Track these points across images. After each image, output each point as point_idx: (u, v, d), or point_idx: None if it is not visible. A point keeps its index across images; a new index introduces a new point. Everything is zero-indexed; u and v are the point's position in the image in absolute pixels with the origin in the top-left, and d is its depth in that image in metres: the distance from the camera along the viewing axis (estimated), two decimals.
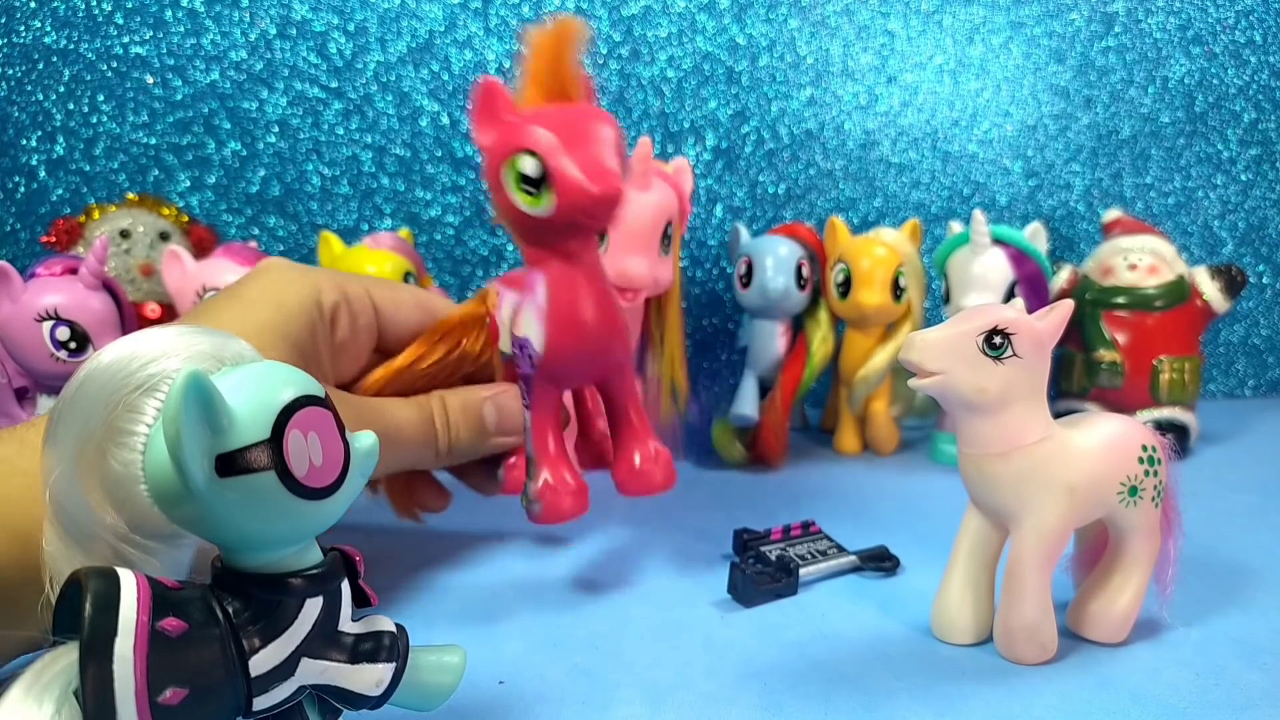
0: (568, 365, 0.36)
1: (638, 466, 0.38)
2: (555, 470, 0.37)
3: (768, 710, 0.30)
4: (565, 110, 0.34)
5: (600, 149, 0.32)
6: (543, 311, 0.35)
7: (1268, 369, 0.88)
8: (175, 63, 0.70)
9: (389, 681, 0.22)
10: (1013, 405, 0.31)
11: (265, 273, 0.37)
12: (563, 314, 0.35)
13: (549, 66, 0.34)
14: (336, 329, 0.37)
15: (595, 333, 0.36)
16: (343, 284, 0.38)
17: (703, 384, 0.69)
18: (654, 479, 0.39)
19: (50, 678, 0.17)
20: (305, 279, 0.37)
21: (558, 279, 0.35)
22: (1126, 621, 0.34)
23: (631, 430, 0.39)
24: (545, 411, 0.37)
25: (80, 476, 0.19)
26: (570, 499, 0.37)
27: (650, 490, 0.38)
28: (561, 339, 0.35)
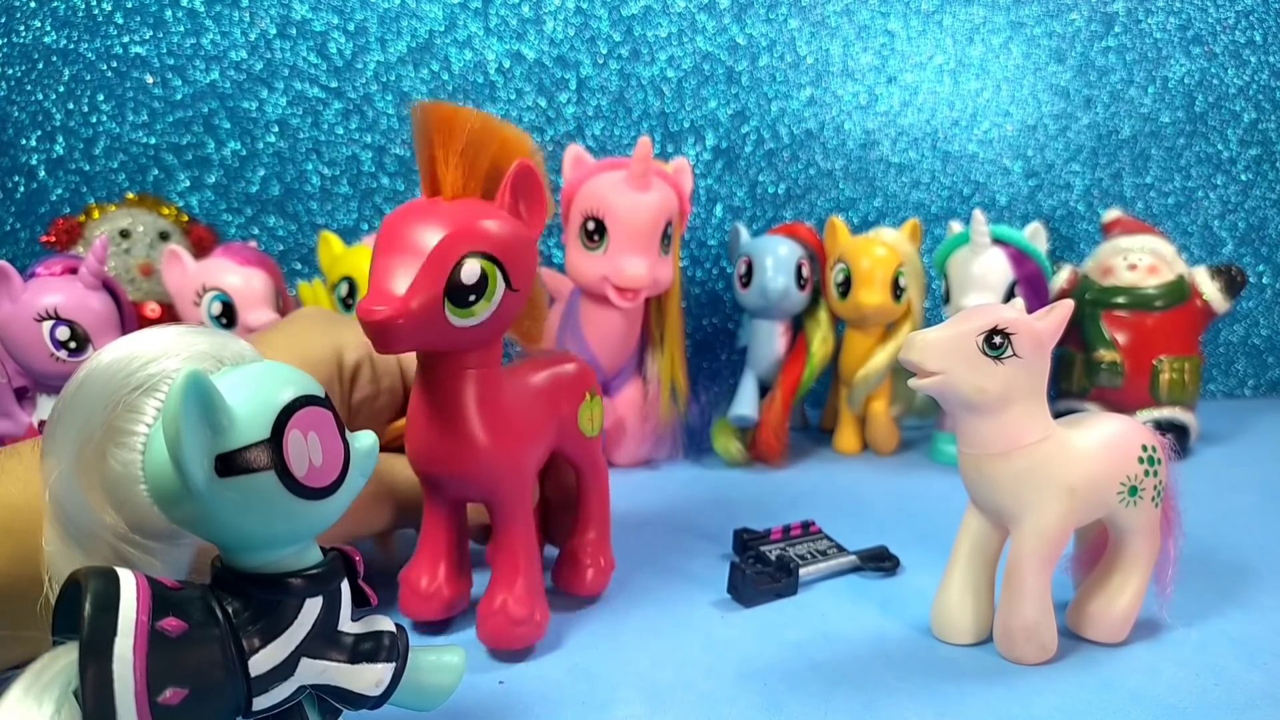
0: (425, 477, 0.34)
1: (492, 610, 0.33)
2: (418, 570, 0.35)
3: (768, 710, 0.30)
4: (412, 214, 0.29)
5: (396, 269, 0.28)
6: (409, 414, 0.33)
7: (1268, 369, 0.88)
8: (175, 63, 0.70)
9: (389, 681, 0.22)
10: (1013, 405, 0.31)
11: (294, 320, 0.38)
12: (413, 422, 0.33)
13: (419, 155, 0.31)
14: (356, 387, 0.38)
15: (443, 453, 0.32)
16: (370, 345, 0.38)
17: (703, 384, 0.69)
18: (501, 631, 0.33)
19: (50, 678, 0.17)
20: (329, 334, 0.37)
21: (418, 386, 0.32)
22: (1126, 621, 0.34)
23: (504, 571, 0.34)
24: (431, 510, 0.35)
25: (80, 476, 0.19)
26: (418, 602, 0.35)
27: (494, 643, 0.33)
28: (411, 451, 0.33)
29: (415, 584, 0.35)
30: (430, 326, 0.28)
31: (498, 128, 0.30)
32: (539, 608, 0.34)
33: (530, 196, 0.31)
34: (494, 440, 0.32)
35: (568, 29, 0.74)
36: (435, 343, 0.30)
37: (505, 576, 0.34)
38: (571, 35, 0.74)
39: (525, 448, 0.34)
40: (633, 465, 0.61)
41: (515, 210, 0.31)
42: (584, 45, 0.74)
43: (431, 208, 0.29)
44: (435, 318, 0.28)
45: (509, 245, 0.30)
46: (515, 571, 0.34)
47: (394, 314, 0.27)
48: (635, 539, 0.46)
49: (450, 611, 0.36)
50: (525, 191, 0.31)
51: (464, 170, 0.30)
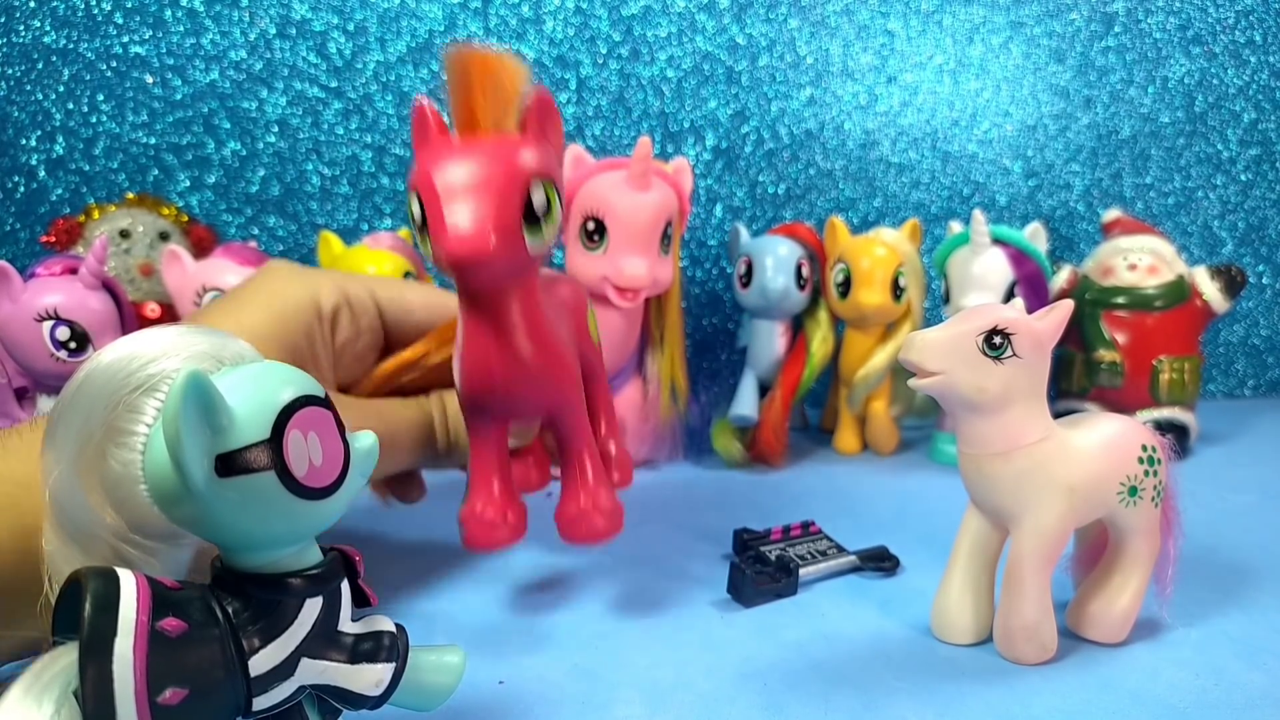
0: (482, 403, 0.34)
1: (576, 512, 0.36)
2: (486, 499, 0.35)
3: (768, 710, 0.30)
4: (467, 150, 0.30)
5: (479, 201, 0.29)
6: (457, 350, 0.34)
7: (1267, 369, 0.88)
8: (175, 62, 0.70)
9: (389, 681, 0.22)
10: (1013, 405, 0.31)
11: (263, 276, 0.37)
12: (472, 356, 0.33)
13: (454, 99, 0.31)
14: (337, 331, 0.37)
15: (507, 379, 0.33)
16: (344, 284, 0.38)
17: (703, 384, 0.69)
18: (594, 526, 0.36)
19: (50, 678, 0.17)
20: (303, 281, 0.37)
21: (468, 321, 0.33)
22: (1126, 621, 0.34)
23: (577, 474, 0.36)
24: (480, 440, 0.36)
25: (80, 476, 0.19)
26: (496, 531, 0.35)
27: (589, 539, 0.36)
28: (471, 379, 0.34)
29: (484, 515, 0.35)
30: (513, 255, 0.30)
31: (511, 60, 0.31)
32: (617, 500, 0.37)
33: (552, 124, 0.32)
34: (552, 354, 0.34)
35: (567, 29, 0.74)
36: (515, 269, 0.31)
37: (580, 477, 0.36)
38: (571, 35, 0.74)
39: (573, 357, 0.36)
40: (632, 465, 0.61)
41: (544, 137, 0.32)
42: (584, 45, 0.74)
43: (485, 143, 0.30)
44: (518, 246, 0.30)
45: (555, 168, 0.31)
46: (587, 470, 0.36)
47: (489, 249, 0.28)
48: (635, 539, 0.46)
49: (519, 536, 0.36)
50: (548, 119, 0.32)
51: (499, 106, 0.31)
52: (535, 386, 0.34)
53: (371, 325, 0.39)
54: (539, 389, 0.34)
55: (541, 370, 0.34)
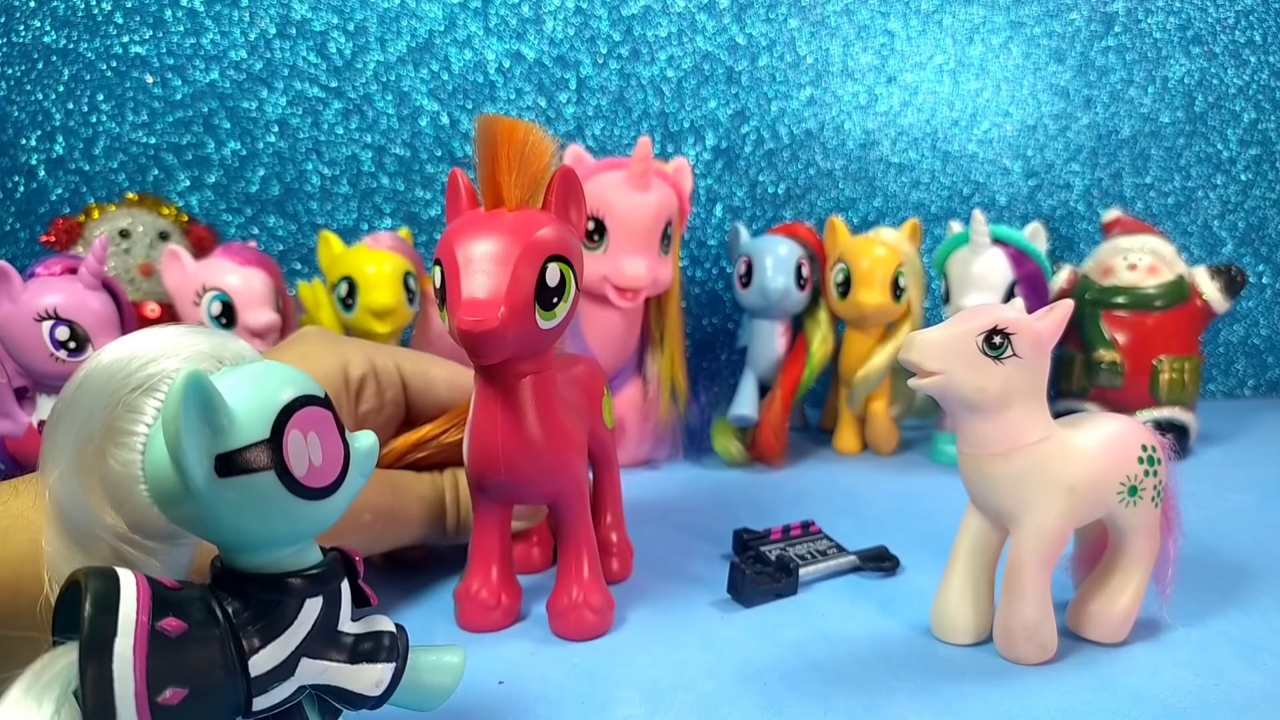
0: (486, 482, 0.34)
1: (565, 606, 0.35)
2: (482, 581, 0.36)
3: (768, 710, 0.30)
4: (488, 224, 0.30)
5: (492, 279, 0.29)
6: (470, 425, 0.34)
7: (1267, 369, 0.88)
8: (175, 62, 0.70)
9: (389, 681, 0.22)
10: (1013, 405, 0.31)
11: (296, 341, 0.38)
12: (480, 433, 0.33)
13: (481, 169, 0.31)
14: (362, 401, 0.38)
15: (513, 458, 0.33)
16: (372, 355, 0.39)
17: (703, 384, 0.69)
18: (585, 621, 0.35)
19: (50, 678, 0.17)
20: (332, 350, 0.38)
21: (480, 396, 0.33)
22: (1126, 621, 0.34)
23: (573, 568, 0.36)
24: (484, 520, 0.36)
25: (80, 476, 0.19)
26: (490, 614, 0.36)
27: (577, 635, 0.35)
28: (478, 457, 0.34)
29: (477, 596, 0.36)
30: (524, 331, 0.30)
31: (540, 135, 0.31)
32: (608, 596, 0.36)
33: (576, 201, 0.33)
34: (560, 440, 0.34)
35: (567, 29, 0.74)
36: (525, 347, 0.31)
37: (576, 570, 0.36)
38: (571, 35, 0.74)
39: (581, 444, 0.36)
40: (633, 465, 0.61)
41: (565, 215, 0.32)
42: (584, 45, 0.74)
43: (506, 218, 0.31)
44: (529, 322, 0.30)
45: (574, 248, 0.32)
46: (583, 564, 0.36)
47: (497, 323, 0.29)
48: (635, 539, 0.46)
49: (513, 618, 0.37)
50: (572, 197, 0.32)
51: (525, 181, 0.31)
52: (540, 470, 0.34)
53: (395, 398, 0.39)
54: (543, 473, 0.34)
55: (547, 455, 0.34)
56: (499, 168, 0.31)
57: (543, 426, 0.33)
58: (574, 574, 0.36)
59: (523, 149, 0.31)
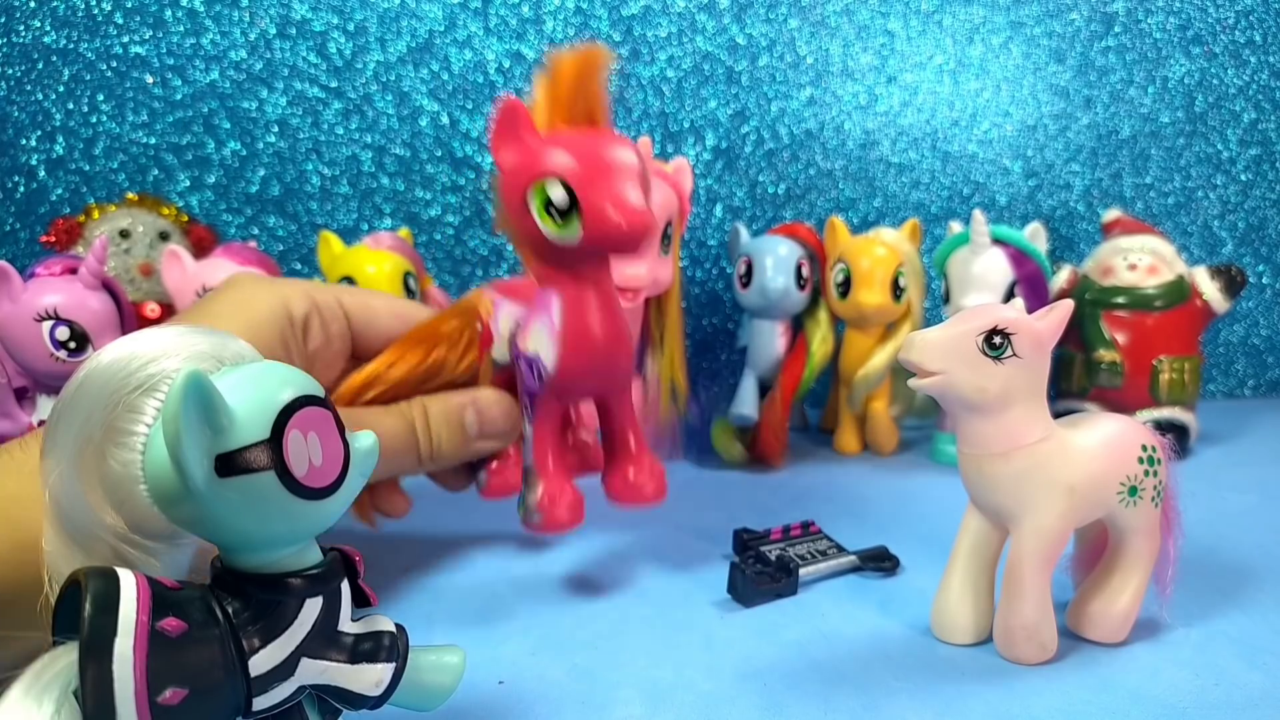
0: (576, 383, 0.37)
1: (631, 479, 0.39)
2: (554, 483, 0.37)
3: (768, 710, 0.30)
4: (593, 138, 0.34)
5: (628, 181, 0.33)
6: (556, 331, 0.36)
7: (1267, 369, 0.88)
8: (175, 62, 0.70)
9: (389, 681, 0.22)
10: (1013, 405, 0.31)
11: (231, 287, 0.37)
12: (576, 335, 0.36)
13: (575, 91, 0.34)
14: (309, 338, 0.37)
15: (605, 353, 0.36)
16: (312, 292, 0.38)
17: (703, 384, 0.69)
18: (645, 490, 0.39)
19: (50, 678, 0.17)
20: (272, 291, 0.37)
21: (573, 300, 0.36)
22: (1126, 621, 0.34)
23: (627, 445, 0.40)
24: (548, 426, 0.38)
25: (80, 476, 0.19)
26: (567, 511, 0.37)
27: (640, 501, 0.39)
28: (574, 359, 0.36)
29: (559, 496, 0.37)
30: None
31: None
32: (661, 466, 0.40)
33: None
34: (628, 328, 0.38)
35: (568, 29, 0.74)
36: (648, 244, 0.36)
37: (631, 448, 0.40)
38: (571, 35, 0.74)
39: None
40: None
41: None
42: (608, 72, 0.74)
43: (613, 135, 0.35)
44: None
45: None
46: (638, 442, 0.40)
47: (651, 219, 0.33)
48: (635, 539, 0.46)
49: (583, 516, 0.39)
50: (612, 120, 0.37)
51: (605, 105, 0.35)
52: (625, 361, 0.37)
53: (341, 332, 0.39)
54: (623, 361, 0.38)
55: (627, 342, 0.37)
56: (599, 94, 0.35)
57: (621, 314, 0.37)
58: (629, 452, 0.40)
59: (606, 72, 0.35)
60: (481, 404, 0.41)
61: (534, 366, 0.37)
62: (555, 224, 0.33)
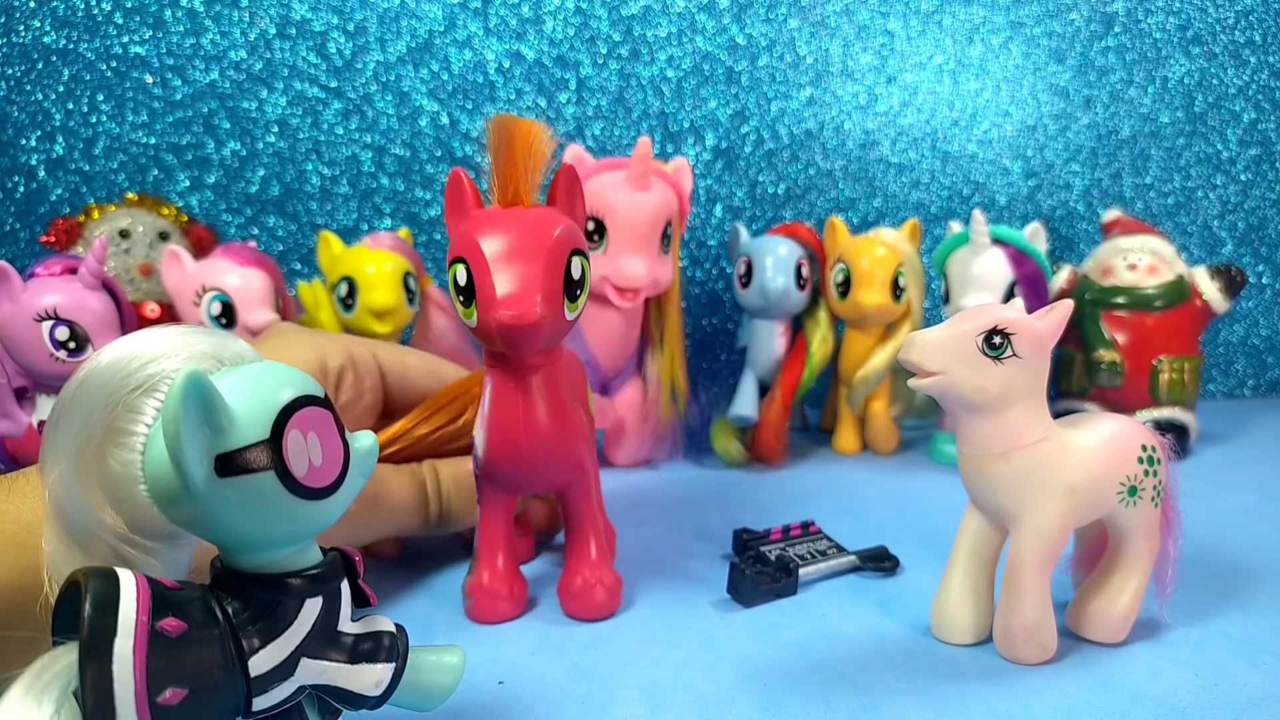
0: (506, 473, 0.35)
1: (578, 588, 0.37)
2: (492, 572, 0.37)
3: (768, 710, 0.30)
4: (512, 221, 0.31)
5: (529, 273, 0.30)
6: (484, 419, 0.35)
7: (1267, 369, 0.88)
8: (175, 63, 0.70)
9: (389, 682, 0.22)
10: (1013, 405, 0.31)
11: (273, 337, 0.39)
12: (499, 425, 0.34)
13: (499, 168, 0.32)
14: (341, 391, 0.38)
15: (536, 447, 0.34)
16: (349, 347, 0.39)
17: (703, 384, 0.69)
18: (597, 601, 0.37)
19: (50, 678, 0.17)
20: (309, 344, 0.38)
21: (498, 390, 0.34)
22: (1126, 621, 0.34)
23: (581, 548, 0.37)
24: (492, 511, 0.37)
25: (80, 476, 0.19)
26: (500, 604, 0.36)
27: (589, 615, 0.37)
28: (498, 449, 0.35)
29: (490, 587, 0.36)
30: (555, 323, 0.31)
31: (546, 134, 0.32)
32: (617, 575, 0.38)
33: (579, 199, 0.34)
34: (572, 428, 0.35)
35: (567, 29, 0.74)
36: (553, 338, 0.32)
37: (585, 552, 0.37)
38: (571, 35, 0.74)
39: (587, 431, 0.37)
40: (633, 465, 0.61)
41: (571, 212, 0.33)
42: (584, 45, 0.74)
43: (528, 214, 0.32)
44: (560, 314, 0.31)
45: (585, 243, 0.33)
46: (590, 546, 0.37)
47: (537, 315, 0.30)
48: (635, 539, 0.46)
49: (522, 608, 0.38)
50: (575, 194, 0.34)
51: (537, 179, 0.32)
52: (555, 458, 0.35)
53: (374, 386, 0.40)
54: (558, 461, 0.35)
55: (562, 443, 0.35)
56: (517, 167, 0.32)
57: (557, 416, 0.34)
58: (584, 556, 0.37)
59: (538, 148, 0.32)
60: None
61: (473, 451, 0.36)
62: (462, 307, 0.32)
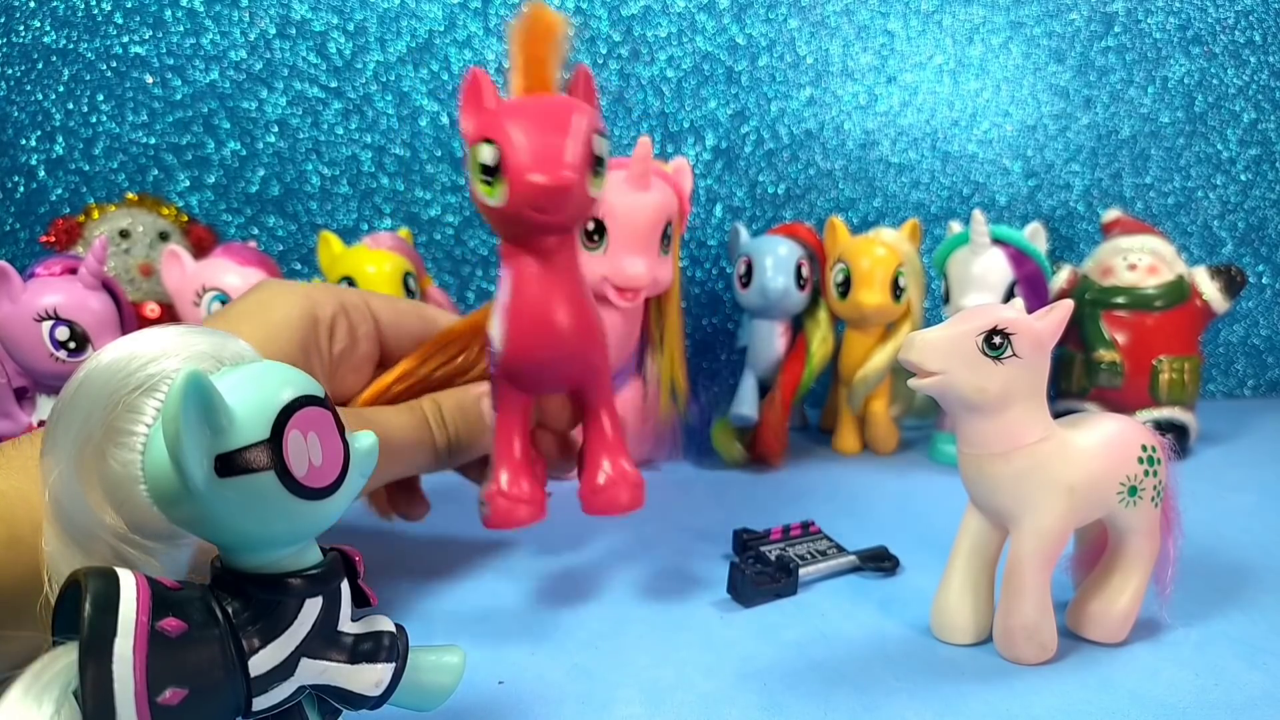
0: (529, 367, 0.34)
1: (601, 484, 0.36)
2: (512, 476, 0.36)
3: (767, 710, 0.30)
4: (537, 101, 0.33)
5: (559, 138, 0.31)
6: (505, 309, 0.34)
7: (1267, 369, 0.88)
8: (175, 62, 0.70)
9: (389, 682, 0.22)
10: (1012, 405, 0.31)
11: (256, 291, 0.37)
12: (525, 313, 0.33)
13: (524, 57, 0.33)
14: (335, 340, 0.37)
15: (560, 336, 0.34)
16: (340, 295, 0.38)
17: (703, 384, 0.69)
18: (618, 498, 0.36)
19: (50, 678, 0.17)
20: (295, 294, 0.36)
21: (521, 276, 0.33)
22: (1126, 621, 0.34)
23: (602, 443, 0.37)
24: (509, 414, 0.36)
25: (80, 477, 0.19)
26: (523, 508, 0.35)
27: (612, 510, 0.36)
28: (521, 339, 0.34)
29: (509, 493, 0.35)
30: (583, 193, 0.32)
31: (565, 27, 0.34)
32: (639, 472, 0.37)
33: (592, 92, 0.35)
34: (594, 316, 0.35)
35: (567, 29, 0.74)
36: (580, 212, 0.33)
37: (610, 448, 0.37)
38: (571, 35, 0.74)
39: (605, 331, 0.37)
40: None
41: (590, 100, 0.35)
42: (584, 45, 0.74)
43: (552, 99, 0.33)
44: (586, 185, 0.32)
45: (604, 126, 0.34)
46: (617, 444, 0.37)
47: (574, 176, 0.30)
48: (635, 539, 0.46)
49: (541, 515, 0.36)
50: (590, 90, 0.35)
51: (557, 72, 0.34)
52: (581, 345, 0.34)
53: (369, 334, 0.39)
54: (584, 348, 0.35)
55: (587, 328, 0.34)
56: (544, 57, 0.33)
57: (583, 300, 0.34)
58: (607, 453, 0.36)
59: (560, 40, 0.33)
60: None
61: (490, 350, 0.35)
62: (486, 187, 0.32)
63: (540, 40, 0.33)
